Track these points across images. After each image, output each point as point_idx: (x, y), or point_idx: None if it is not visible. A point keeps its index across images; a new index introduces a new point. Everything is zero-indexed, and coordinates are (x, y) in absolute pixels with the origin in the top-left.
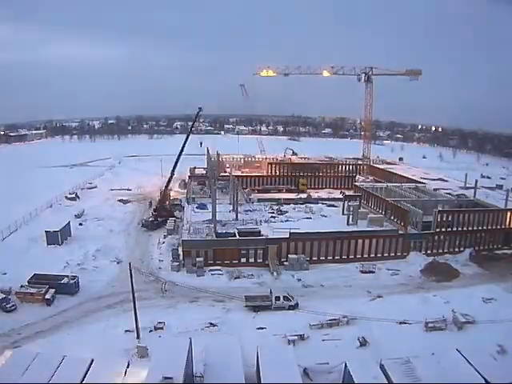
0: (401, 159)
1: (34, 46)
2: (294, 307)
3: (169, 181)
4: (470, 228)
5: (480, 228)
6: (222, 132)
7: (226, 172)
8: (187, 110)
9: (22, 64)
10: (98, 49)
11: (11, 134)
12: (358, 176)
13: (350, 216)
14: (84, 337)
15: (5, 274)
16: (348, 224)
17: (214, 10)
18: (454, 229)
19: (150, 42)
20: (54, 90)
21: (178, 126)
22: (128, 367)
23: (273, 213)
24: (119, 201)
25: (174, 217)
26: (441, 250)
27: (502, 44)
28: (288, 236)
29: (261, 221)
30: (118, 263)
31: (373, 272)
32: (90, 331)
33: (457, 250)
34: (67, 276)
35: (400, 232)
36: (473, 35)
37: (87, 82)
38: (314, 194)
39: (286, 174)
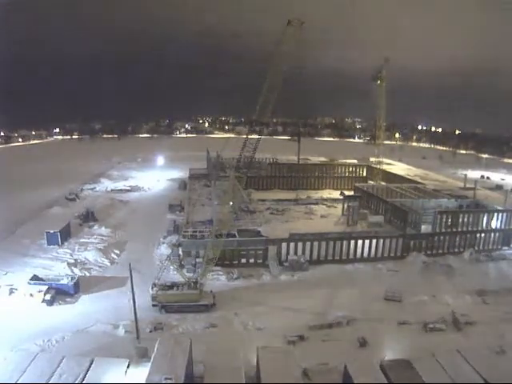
0: (400, 160)
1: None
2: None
3: None
4: (469, 228)
5: (480, 228)
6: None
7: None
8: None
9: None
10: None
11: (10, 135)
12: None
13: (350, 217)
14: (84, 337)
15: (5, 274)
16: (348, 225)
17: None
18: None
19: None
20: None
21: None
22: (128, 367)
23: (273, 213)
24: (120, 201)
25: None
26: (441, 251)
27: None
28: (288, 236)
29: (260, 221)
30: (116, 264)
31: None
32: (90, 331)
33: (457, 250)
34: (67, 276)
35: (400, 233)
36: None
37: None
38: (315, 195)
39: (284, 175)
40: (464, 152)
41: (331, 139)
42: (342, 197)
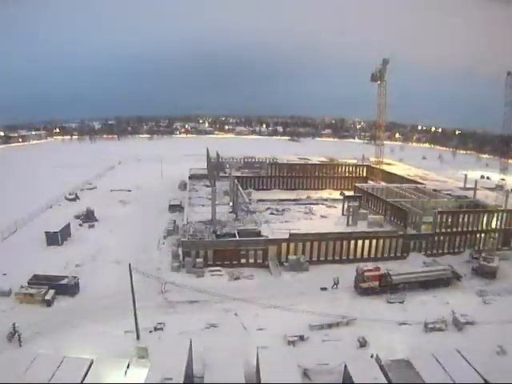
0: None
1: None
2: None
3: None
4: (469, 229)
5: (480, 228)
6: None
7: (225, 172)
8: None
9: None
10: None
11: (10, 135)
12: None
13: (350, 217)
14: (84, 337)
15: (4, 274)
16: (348, 225)
17: None
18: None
19: None
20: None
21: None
22: (128, 368)
23: (273, 213)
24: (120, 201)
25: None
26: (441, 251)
27: None
28: (288, 237)
29: (260, 221)
30: (116, 263)
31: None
32: (90, 332)
33: (456, 250)
34: (67, 277)
35: (400, 233)
36: None
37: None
38: (315, 195)
39: (284, 175)
40: (464, 152)
41: (331, 139)
42: (342, 197)
